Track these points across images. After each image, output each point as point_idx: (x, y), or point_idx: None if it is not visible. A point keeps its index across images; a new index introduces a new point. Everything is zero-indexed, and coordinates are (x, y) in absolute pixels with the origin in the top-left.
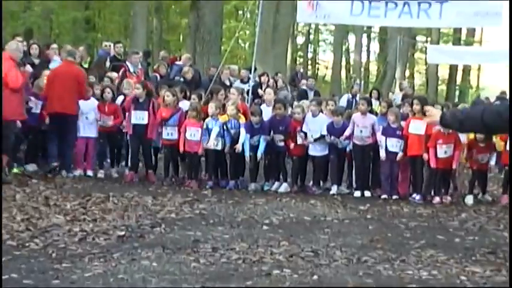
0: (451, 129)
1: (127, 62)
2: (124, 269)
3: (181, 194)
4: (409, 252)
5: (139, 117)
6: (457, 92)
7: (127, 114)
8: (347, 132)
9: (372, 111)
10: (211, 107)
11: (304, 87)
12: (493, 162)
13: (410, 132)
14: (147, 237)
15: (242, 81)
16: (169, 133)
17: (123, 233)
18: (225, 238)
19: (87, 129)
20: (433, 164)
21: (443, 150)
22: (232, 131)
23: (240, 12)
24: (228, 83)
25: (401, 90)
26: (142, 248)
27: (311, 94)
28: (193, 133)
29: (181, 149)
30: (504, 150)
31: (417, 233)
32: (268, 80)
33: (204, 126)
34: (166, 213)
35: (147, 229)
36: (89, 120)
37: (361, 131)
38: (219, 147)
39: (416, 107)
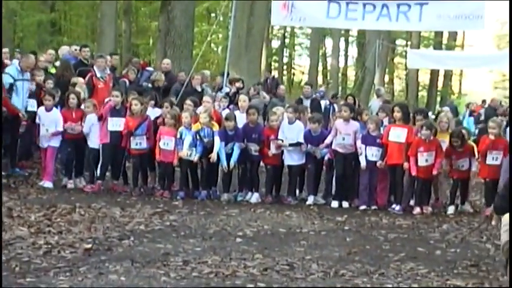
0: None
1: (94, 67)
2: (91, 284)
3: (151, 205)
4: (389, 265)
5: (116, 124)
6: (438, 98)
7: (100, 122)
8: (328, 140)
9: (354, 118)
10: (185, 116)
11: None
12: (474, 168)
13: (390, 140)
14: (115, 250)
15: (217, 89)
16: (137, 142)
17: (90, 245)
18: (197, 251)
19: (47, 139)
20: (414, 173)
21: (424, 158)
22: (206, 140)
23: (213, 15)
24: (199, 89)
25: (378, 96)
26: (110, 261)
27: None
28: (167, 142)
29: (157, 157)
30: (482, 163)
31: (397, 245)
32: (243, 87)
33: (178, 136)
34: (135, 225)
35: (115, 242)
36: (49, 132)
37: (343, 138)
38: (192, 157)
39: (397, 114)
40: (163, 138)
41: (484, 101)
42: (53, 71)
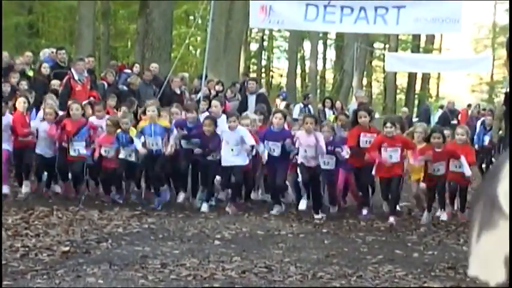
0: None
1: (72, 70)
2: (68, 286)
3: (129, 208)
4: (366, 267)
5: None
6: (416, 101)
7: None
8: (295, 151)
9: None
10: (124, 122)
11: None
12: (468, 173)
13: (362, 147)
14: (92, 253)
15: (194, 91)
16: (75, 149)
17: (67, 248)
18: (175, 254)
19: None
20: (374, 172)
21: (388, 155)
22: (152, 139)
23: (191, 17)
24: (178, 92)
25: (356, 99)
26: (88, 264)
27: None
28: (107, 150)
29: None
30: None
31: (374, 247)
32: (223, 90)
33: (115, 140)
34: (113, 227)
35: (93, 244)
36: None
37: (305, 151)
38: (133, 158)
39: (365, 119)
40: (104, 145)
41: (469, 105)
42: (30, 73)
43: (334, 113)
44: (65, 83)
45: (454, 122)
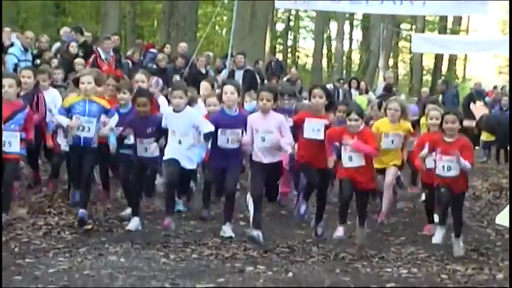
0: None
1: (98, 48)
2: (90, 265)
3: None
4: (389, 248)
5: None
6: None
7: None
8: (244, 140)
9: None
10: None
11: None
12: (468, 165)
13: (306, 138)
14: (115, 232)
15: (218, 71)
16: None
17: (90, 226)
18: (197, 233)
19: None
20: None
21: (347, 156)
22: (84, 120)
23: None
24: (203, 71)
25: (385, 79)
26: (110, 242)
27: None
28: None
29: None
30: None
31: (398, 229)
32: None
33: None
34: None
35: (115, 223)
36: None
37: (262, 139)
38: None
39: (319, 100)
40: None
41: (495, 87)
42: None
43: (360, 94)
44: (92, 62)
45: (481, 103)
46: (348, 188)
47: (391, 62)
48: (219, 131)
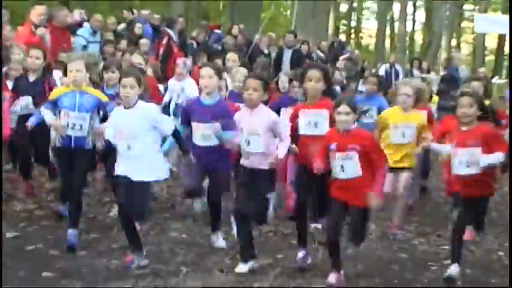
0: None
1: (169, 31)
2: (152, 240)
3: None
4: (447, 227)
5: None
6: (506, 63)
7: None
8: (234, 141)
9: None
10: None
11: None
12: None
13: (301, 134)
14: (177, 209)
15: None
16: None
17: (152, 203)
18: None
19: None
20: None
21: (338, 164)
22: (74, 116)
23: None
24: (266, 52)
25: (448, 64)
26: (172, 219)
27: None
28: None
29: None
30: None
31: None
32: (309, 49)
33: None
34: None
35: (178, 200)
36: None
37: (247, 142)
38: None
39: (314, 85)
40: None
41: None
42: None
43: (421, 73)
44: (166, 44)
45: None
46: (337, 215)
47: (453, 42)
48: (193, 125)
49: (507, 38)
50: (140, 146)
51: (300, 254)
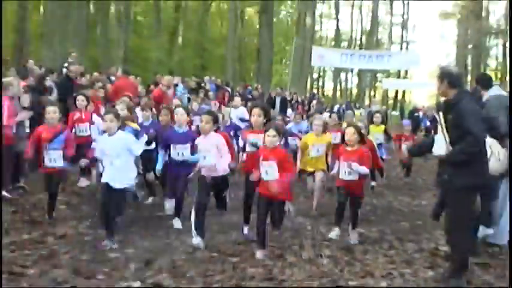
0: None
1: (226, 87)
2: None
3: None
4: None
5: None
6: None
7: None
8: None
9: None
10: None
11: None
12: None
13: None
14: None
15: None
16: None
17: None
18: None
19: None
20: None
21: (264, 170)
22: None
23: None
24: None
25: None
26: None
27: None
28: None
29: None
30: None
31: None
32: (295, 99)
33: None
34: None
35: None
36: None
37: (204, 157)
38: None
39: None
40: None
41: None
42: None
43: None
44: (223, 94)
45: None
46: (262, 208)
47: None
48: (171, 146)
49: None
50: (119, 162)
51: (245, 229)
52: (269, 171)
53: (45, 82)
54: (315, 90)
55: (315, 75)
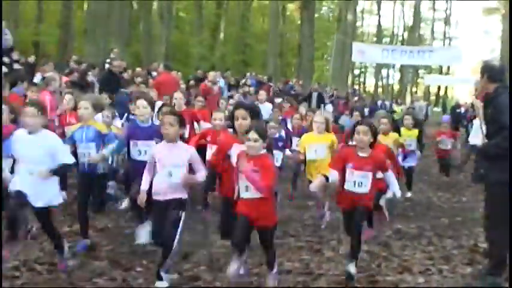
0: None
1: (269, 83)
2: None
3: None
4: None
5: None
6: None
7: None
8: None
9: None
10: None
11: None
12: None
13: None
14: None
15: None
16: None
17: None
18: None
19: None
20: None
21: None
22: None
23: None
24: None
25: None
26: None
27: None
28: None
29: None
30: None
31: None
32: (335, 95)
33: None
34: None
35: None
36: None
37: (170, 173)
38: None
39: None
40: None
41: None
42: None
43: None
44: (267, 89)
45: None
46: (242, 228)
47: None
48: (131, 142)
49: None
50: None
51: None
52: (251, 187)
53: (87, 77)
54: (356, 87)
55: (357, 72)
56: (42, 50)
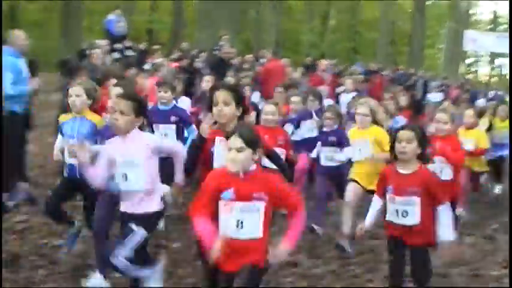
0: None
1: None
2: None
3: None
4: None
5: None
6: None
7: None
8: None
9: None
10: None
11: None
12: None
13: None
14: None
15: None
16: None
17: None
18: None
19: None
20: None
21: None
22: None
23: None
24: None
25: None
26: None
27: None
28: None
29: None
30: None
31: None
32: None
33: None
34: None
35: None
36: None
37: (124, 177)
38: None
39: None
40: None
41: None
42: None
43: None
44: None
45: None
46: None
47: None
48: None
49: None
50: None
51: None
52: (247, 222)
53: (195, 64)
54: (469, 76)
55: (470, 60)
56: (155, 38)
